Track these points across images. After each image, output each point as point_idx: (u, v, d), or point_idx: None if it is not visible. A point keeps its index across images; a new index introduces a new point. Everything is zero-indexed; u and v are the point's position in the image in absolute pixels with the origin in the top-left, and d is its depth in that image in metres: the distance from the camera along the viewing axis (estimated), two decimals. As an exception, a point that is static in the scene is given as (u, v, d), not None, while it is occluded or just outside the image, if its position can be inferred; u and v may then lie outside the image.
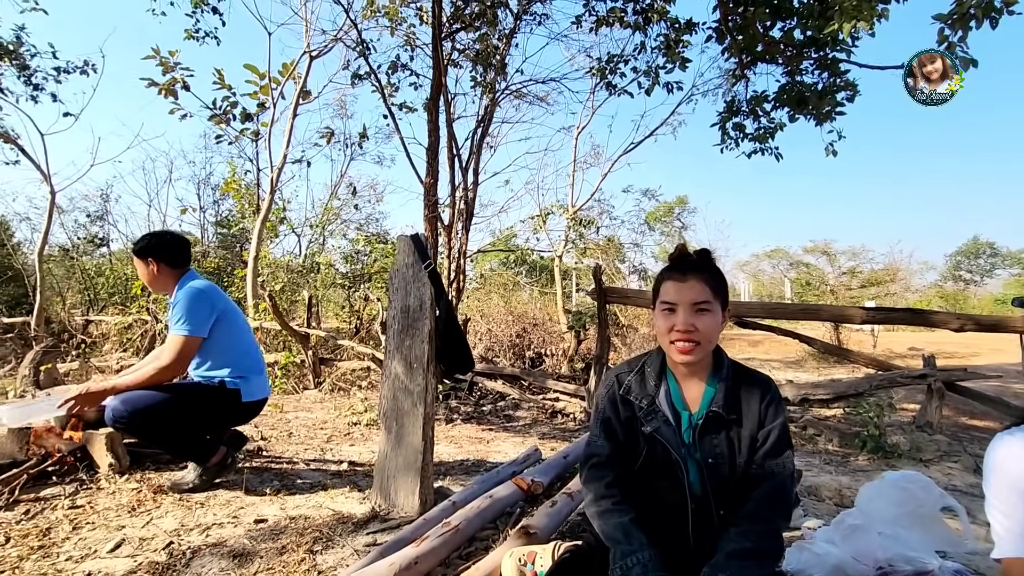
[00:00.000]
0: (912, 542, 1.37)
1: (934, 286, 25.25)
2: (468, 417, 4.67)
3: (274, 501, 2.41)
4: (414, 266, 2.50)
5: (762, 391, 1.32)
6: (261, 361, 2.66)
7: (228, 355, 2.52)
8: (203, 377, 2.49)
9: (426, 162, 6.10)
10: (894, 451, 3.53)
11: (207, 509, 2.30)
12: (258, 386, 2.56)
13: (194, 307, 2.40)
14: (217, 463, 2.48)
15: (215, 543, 2.00)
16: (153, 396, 2.28)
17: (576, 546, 1.58)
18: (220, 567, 1.84)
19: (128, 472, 2.59)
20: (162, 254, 2.51)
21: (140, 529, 2.10)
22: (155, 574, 1.79)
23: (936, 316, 4.05)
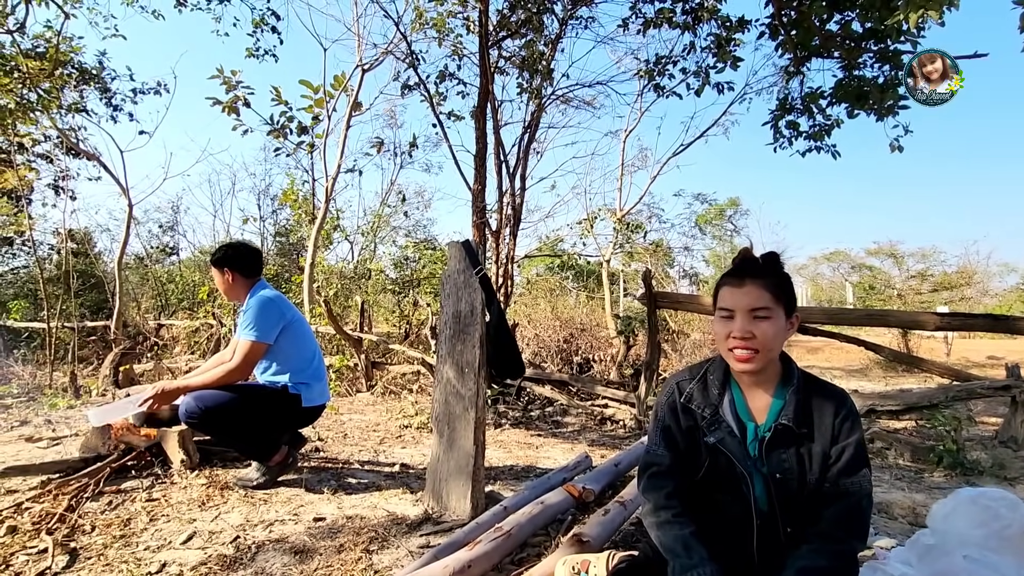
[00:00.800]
0: (1004, 567, 1.27)
1: (1015, 289, 23.36)
2: (516, 422, 4.67)
3: (331, 500, 2.49)
4: (465, 272, 2.53)
5: (836, 405, 1.25)
6: (322, 368, 2.76)
7: (292, 361, 2.62)
8: (268, 381, 2.61)
9: (474, 169, 6.20)
10: (974, 467, 3.28)
11: (270, 506, 2.40)
12: (318, 392, 2.66)
13: (263, 315, 2.52)
14: (279, 462, 2.59)
15: (278, 539, 2.08)
16: (223, 395, 2.41)
17: (632, 556, 1.56)
18: (283, 562, 1.91)
19: (198, 468, 2.74)
20: (237, 264, 2.65)
21: (210, 523, 2.21)
22: (224, 566, 1.88)
23: (1021, 323, 3.74)
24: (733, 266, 1.31)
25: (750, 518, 1.28)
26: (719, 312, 1.28)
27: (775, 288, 1.25)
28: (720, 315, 1.27)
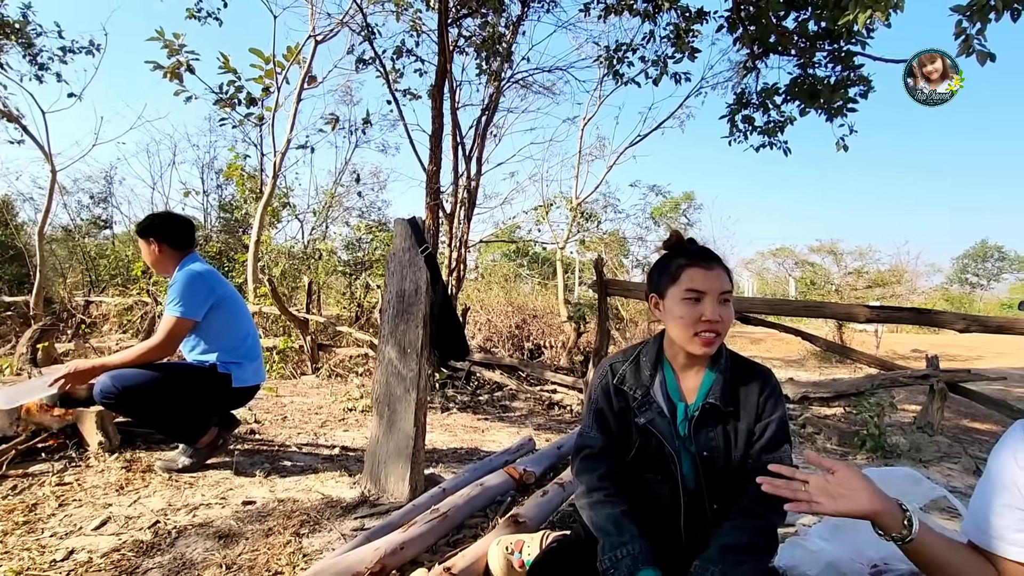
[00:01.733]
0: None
1: (940, 288, 25.09)
2: (464, 406, 4.64)
3: (263, 483, 2.39)
4: (411, 250, 2.46)
5: (761, 384, 1.28)
6: (257, 348, 2.63)
7: (222, 340, 2.49)
8: (196, 360, 2.47)
9: (429, 149, 6.05)
10: (893, 451, 3.49)
11: (195, 490, 2.28)
12: (251, 372, 2.54)
13: (190, 290, 2.37)
14: (208, 444, 2.46)
15: (201, 523, 1.98)
16: (143, 375, 2.26)
17: (564, 535, 1.55)
18: (205, 547, 1.81)
19: (118, 451, 2.57)
20: (165, 235, 2.48)
21: (127, 508, 2.08)
22: (139, 552, 1.77)
23: (942, 316, 3.99)
24: (694, 248, 1.30)
25: (678, 496, 1.29)
26: (686, 294, 1.23)
27: (730, 273, 1.28)
28: (687, 297, 1.23)
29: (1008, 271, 41.38)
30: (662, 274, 1.29)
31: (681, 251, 1.28)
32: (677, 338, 1.26)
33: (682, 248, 1.28)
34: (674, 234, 1.31)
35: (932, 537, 0.91)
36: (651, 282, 1.33)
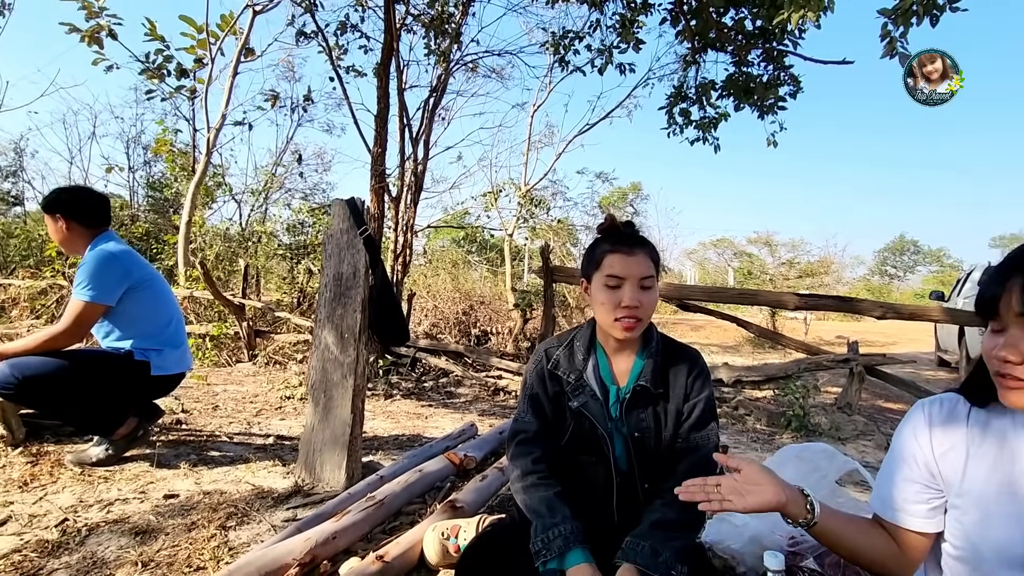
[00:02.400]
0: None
1: (863, 279, 26.91)
2: (408, 393, 4.58)
3: (188, 476, 2.27)
4: (349, 232, 2.37)
5: (689, 365, 1.31)
6: (180, 335, 2.47)
7: (140, 326, 2.32)
8: (111, 347, 2.29)
9: (375, 130, 5.86)
10: (816, 430, 3.71)
11: (111, 484, 2.13)
12: (174, 360, 2.38)
13: (102, 272, 2.18)
14: (125, 436, 2.30)
15: (116, 520, 1.86)
16: (46, 363, 2.07)
17: (500, 519, 1.55)
18: (119, 544, 1.70)
19: (23, 445, 2.37)
20: (73, 211, 2.27)
21: (31, 506, 1.92)
22: (43, 553, 1.63)
23: (861, 304, 4.26)
24: (618, 233, 1.30)
25: (611, 477, 1.31)
26: (607, 280, 1.24)
27: (654, 257, 1.28)
28: (608, 283, 1.24)
29: (922, 264, 44.95)
30: (589, 259, 1.30)
31: (609, 235, 1.29)
32: (601, 323, 1.28)
33: (615, 232, 1.29)
34: (608, 218, 1.31)
35: (835, 519, 0.96)
36: (582, 267, 1.34)
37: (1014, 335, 0.74)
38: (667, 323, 13.34)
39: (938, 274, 35.50)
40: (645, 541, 1.15)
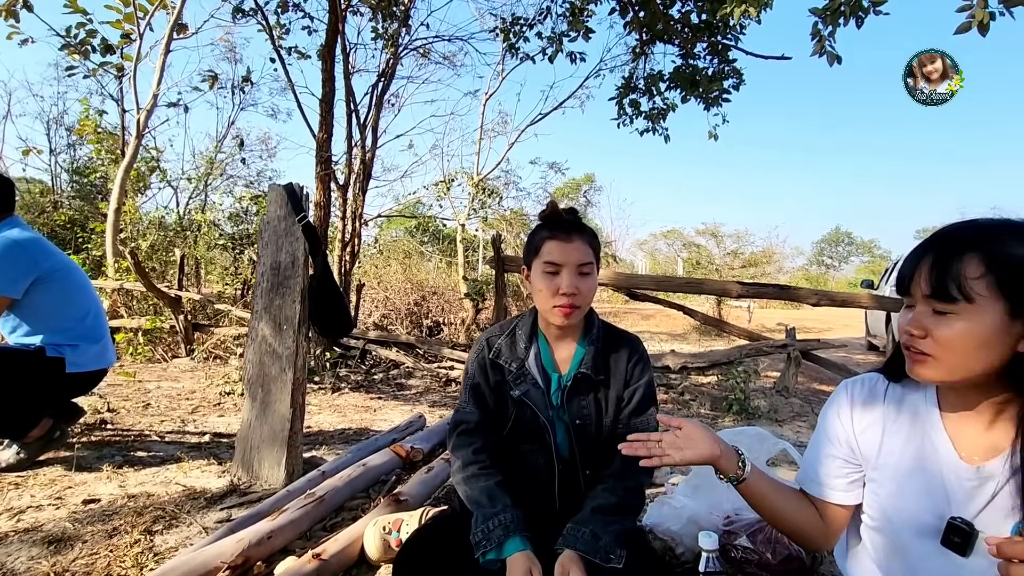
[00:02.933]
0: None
1: (802, 269, 28.30)
2: (357, 386, 4.47)
3: (112, 479, 2.12)
4: (286, 219, 2.27)
5: (630, 351, 1.32)
6: (100, 329, 2.29)
7: (53, 320, 2.14)
8: (19, 343, 2.11)
9: (320, 115, 5.65)
10: (755, 412, 3.86)
11: (23, 491, 1.97)
12: (92, 356, 2.21)
13: (3, 261, 2.00)
14: (39, 438, 2.13)
15: (28, 528, 1.72)
16: (-57, 360, 1.89)
17: (442, 511, 1.53)
18: (30, 555, 1.57)
19: (-80, 451, 2.16)
20: None
21: (-73, 517, 1.75)
22: (-61, 569, 1.49)
23: (799, 291, 4.46)
24: (557, 220, 1.28)
25: (552, 465, 1.31)
26: (544, 267, 1.23)
27: (594, 243, 1.28)
28: (546, 270, 1.23)
29: (855, 254, 47.75)
30: (529, 246, 1.29)
31: (548, 222, 1.27)
32: (540, 309, 1.28)
33: (555, 219, 1.27)
34: (550, 204, 1.29)
35: (763, 481, 1.01)
36: (524, 254, 1.32)
37: (920, 312, 0.78)
38: (618, 312, 13.61)
39: (869, 264, 37.80)
40: (586, 527, 1.15)
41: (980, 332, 0.72)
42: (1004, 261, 0.71)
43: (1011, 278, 0.70)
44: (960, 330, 0.73)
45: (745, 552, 1.39)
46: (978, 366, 0.74)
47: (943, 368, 0.76)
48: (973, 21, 2.68)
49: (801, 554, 1.37)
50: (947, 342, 0.74)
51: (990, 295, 0.71)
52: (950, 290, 0.73)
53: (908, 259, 0.80)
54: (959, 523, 0.77)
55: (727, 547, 1.41)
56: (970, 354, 0.74)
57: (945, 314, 0.75)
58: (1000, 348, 0.72)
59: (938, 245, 0.77)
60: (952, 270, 0.73)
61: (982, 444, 0.79)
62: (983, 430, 0.79)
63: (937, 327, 0.75)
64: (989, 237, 0.73)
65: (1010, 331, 0.71)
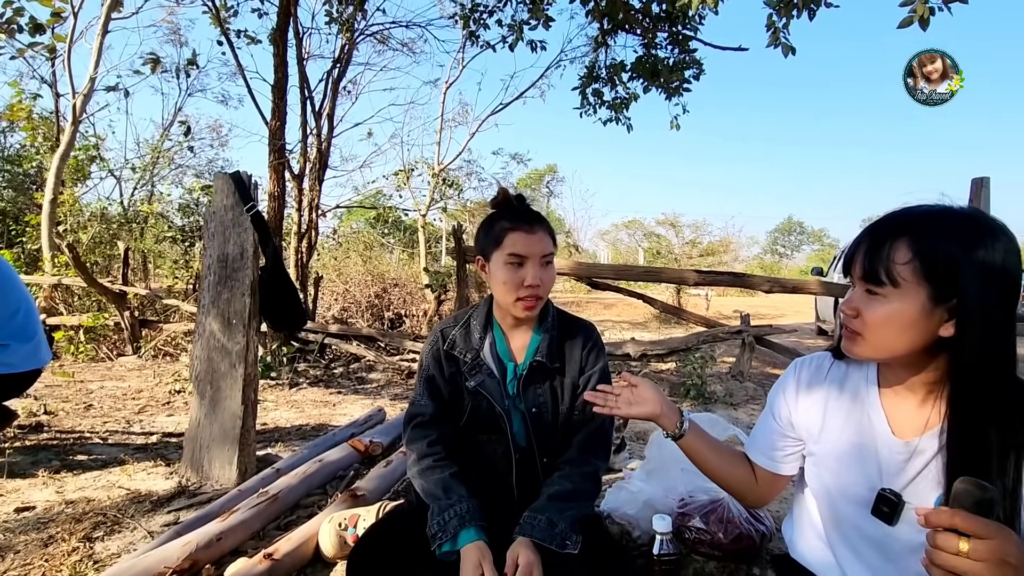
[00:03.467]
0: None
1: (756, 258, 29.25)
2: (316, 381, 4.37)
3: (48, 484, 2.01)
4: (234, 208, 2.18)
5: (584, 338, 1.32)
6: (32, 326, 2.14)
7: None
8: (-58, 342, 1.96)
9: (272, 102, 5.45)
10: (712, 397, 3.97)
11: (-53, 501, 1.84)
12: (24, 355, 2.07)
13: None
14: (-35, 444, 1.99)
15: (-48, 541, 1.60)
16: None
17: (398, 506, 1.50)
18: (-46, 570, 1.47)
19: None
20: None
21: None
22: None
23: (752, 279, 4.60)
24: (515, 210, 1.26)
25: (510, 454, 1.30)
26: (508, 258, 1.21)
27: (553, 234, 1.27)
28: (509, 262, 1.21)
29: (807, 243, 49.69)
30: (487, 236, 1.26)
31: (506, 212, 1.25)
32: (501, 301, 1.25)
33: (509, 208, 1.25)
34: (501, 192, 1.27)
35: (702, 439, 1.09)
36: (477, 244, 1.29)
37: (855, 292, 0.82)
38: (581, 302, 13.77)
39: (819, 252, 39.38)
40: (542, 514, 1.15)
41: (904, 315, 0.75)
42: (929, 249, 0.74)
43: (934, 265, 0.73)
44: (886, 312, 0.76)
45: (698, 533, 1.42)
46: (901, 346, 0.78)
47: (870, 346, 0.80)
48: (915, 16, 2.79)
49: (752, 533, 1.41)
50: (874, 322, 0.78)
51: (915, 280, 0.74)
52: (879, 274, 0.76)
53: (852, 243, 0.83)
54: (888, 494, 0.80)
55: (681, 529, 1.44)
56: (894, 335, 0.77)
57: (876, 295, 0.78)
58: (923, 331, 0.75)
59: (875, 231, 0.80)
60: (883, 255, 0.76)
61: (914, 421, 0.82)
62: (915, 407, 0.83)
63: (867, 307, 0.79)
64: (919, 224, 0.76)
65: (931, 316, 0.74)
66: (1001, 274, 0.73)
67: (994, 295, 0.73)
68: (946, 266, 0.73)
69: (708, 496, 1.47)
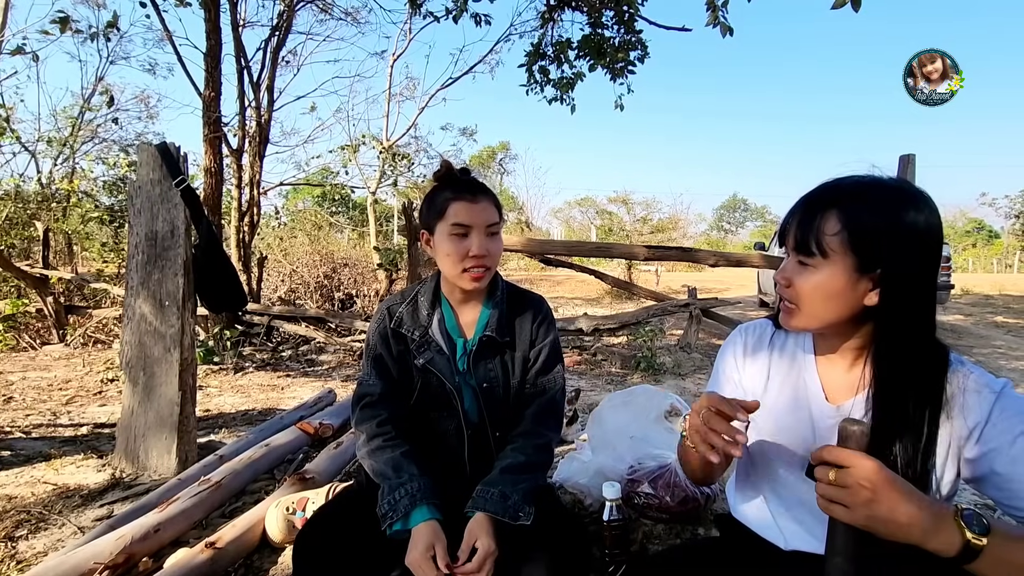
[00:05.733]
0: (654, 438, 1.55)
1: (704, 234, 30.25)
2: (263, 364, 4.22)
3: (-38, 483, 1.86)
4: (162, 183, 2.04)
5: (534, 311, 1.31)
6: None
7: None
8: None
9: (205, 71, 5.12)
10: (661, 368, 4.10)
11: None
12: None
13: None
14: None
15: None
16: None
17: (348, 487, 1.47)
18: None
19: None
20: None
21: None
22: None
23: (699, 253, 4.73)
24: (457, 180, 1.23)
25: (462, 431, 1.29)
26: (452, 228, 1.17)
27: (497, 203, 1.24)
28: (453, 232, 1.17)
29: (750, 220, 51.67)
30: (430, 209, 1.22)
31: (449, 183, 1.22)
32: (448, 274, 1.22)
33: (451, 179, 1.22)
34: (444, 164, 1.23)
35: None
36: (421, 218, 1.25)
37: (788, 263, 0.83)
38: (534, 279, 13.85)
39: (761, 228, 41.06)
40: (494, 487, 1.15)
41: (832, 284, 0.77)
42: (856, 219, 0.76)
43: (861, 236, 0.75)
44: (815, 282, 0.79)
45: (647, 498, 1.46)
46: (831, 315, 0.80)
47: (802, 316, 0.82)
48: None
49: (697, 495, 1.46)
50: (804, 292, 0.80)
51: (842, 251, 0.76)
52: (810, 244, 0.78)
53: (787, 214, 0.84)
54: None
55: (631, 495, 1.48)
56: (823, 304, 0.79)
57: (807, 266, 0.80)
58: (850, 300, 0.78)
59: (807, 202, 0.81)
60: (813, 226, 0.78)
61: (844, 385, 0.86)
62: (845, 372, 0.86)
63: (799, 277, 0.81)
64: (848, 195, 0.78)
65: (857, 285, 0.77)
66: (922, 244, 0.75)
67: (915, 265, 0.75)
68: (871, 237, 0.75)
69: (656, 463, 1.51)
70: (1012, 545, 0.62)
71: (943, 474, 0.79)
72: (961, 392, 0.77)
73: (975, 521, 0.63)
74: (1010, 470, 0.72)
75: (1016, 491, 0.71)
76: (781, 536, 0.92)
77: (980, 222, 40.14)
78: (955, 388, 0.77)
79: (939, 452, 0.77)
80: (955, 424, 0.77)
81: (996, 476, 0.73)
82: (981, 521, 0.63)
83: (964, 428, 0.76)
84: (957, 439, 0.77)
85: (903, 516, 0.63)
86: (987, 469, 0.74)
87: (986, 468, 0.74)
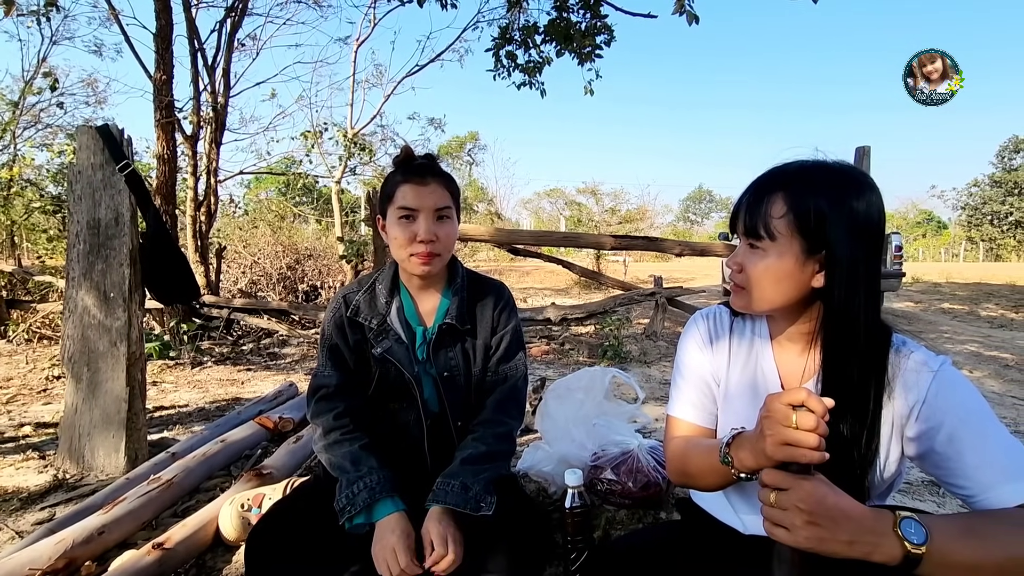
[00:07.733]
0: (619, 428, 1.55)
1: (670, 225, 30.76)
2: (223, 359, 4.09)
3: None
4: (104, 168, 1.93)
5: (495, 297, 1.29)
6: None
7: None
8: None
9: (156, 53, 4.88)
10: (628, 356, 4.14)
11: None
12: None
13: None
14: None
15: None
16: None
17: (305, 482, 1.43)
18: None
19: None
20: None
21: None
22: None
23: (664, 243, 4.79)
24: (409, 164, 1.20)
25: (421, 421, 1.26)
26: (399, 212, 1.15)
27: (452, 188, 1.21)
28: (400, 215, 1.15)
29: (716, 211, 52.83)
30: (382, 194, 1.19)
31: (402, 167, 1.19)
32: (396, 258, 1.20)
33: (406, 163, 1.18)
34: (404, 150, 1.20)
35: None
36: (376, 204, 1.22)
37: (739, 247, 0.84)
38: (503, 269, 13.83)
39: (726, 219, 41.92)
40: (455, 479, 1.12)
41: (780, 267, 0.78)
42: (802, 202, 0.76)
43: (806, 219, 0.76)
44: (764, 265, 0.79)
45: (610, 484, 1.46)
46: (779, 298, 0.80)
47: (752, 299, 0.82)
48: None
49: (659, 480, 1.48)
50: (753, 275, 0.81)
51: (789, 234, 0.77)
52: (759, 228, 0.78)
53: (737, 199, 0.84)
54: None
55: (594, 481, 1.48)
56: (771, 286, 0.80)
57: (757, 249, 0.80)
58: (797, 283, 0.79)
59: (756, 187, 0.82)
60: (761, 210, 0.78)
61: (798, 369, 0.87)
62: (797, 356, 0.87)
63: (749, 261, 0.81)
64: (795, 179, 0.79)
65: (804, 268, 0.78)
66: (866, 227, 0.76)
67: (859, 247, 0.76)
68: (816, 220, 0.75)
69: (619, 449, 1.52)
70: (954, 546, 0.63)
71: (888, 453, 0.80)
72: (902, 371, 0.78)
73: (914, 529, 0.63)
74: (947, 448, 0.73)
75: (954, 469, 0.73)
76: (740, 522, 0.93)
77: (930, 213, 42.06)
78: (897, 368, 0.79)
79: (883, 431, 0.79)
80: (897, 403, 0.78)
81: (935, 454, 0.75)
82: (920, 528, 0.63)
83: (905, 406, 0.77)
84: (900, 417, 0.78)
85: (844, 534, 0.63)
86: (927, 447, 0.76)
87: (926, 446, 0.76)
